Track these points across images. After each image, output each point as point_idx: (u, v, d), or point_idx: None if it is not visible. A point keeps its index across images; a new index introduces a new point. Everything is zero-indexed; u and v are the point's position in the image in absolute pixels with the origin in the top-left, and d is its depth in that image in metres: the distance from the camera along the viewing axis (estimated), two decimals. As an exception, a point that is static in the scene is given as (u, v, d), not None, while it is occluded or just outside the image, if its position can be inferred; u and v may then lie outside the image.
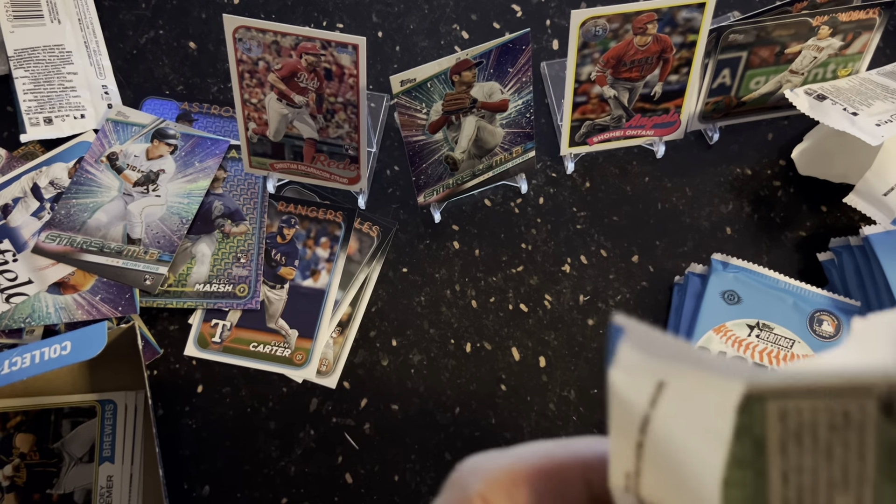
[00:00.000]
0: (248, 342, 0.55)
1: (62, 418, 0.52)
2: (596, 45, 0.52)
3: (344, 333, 0.56)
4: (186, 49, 0.64)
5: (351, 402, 0.55)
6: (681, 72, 0.55)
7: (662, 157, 0.60)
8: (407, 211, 0.59)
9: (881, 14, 0.55)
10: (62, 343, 0.47)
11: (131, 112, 0.61)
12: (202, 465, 0.54)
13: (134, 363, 0.51)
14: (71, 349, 0.46)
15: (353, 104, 0.53)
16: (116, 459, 0.51)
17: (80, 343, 0.47)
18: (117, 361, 0.52)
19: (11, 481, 0.51)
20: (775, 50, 0.55)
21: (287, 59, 0.51)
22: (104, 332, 0.47)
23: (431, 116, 0.51)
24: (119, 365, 0.52)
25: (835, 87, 0.56)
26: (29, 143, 0.60)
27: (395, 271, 0.58)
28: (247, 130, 0.55)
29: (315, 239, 0.58)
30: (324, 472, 0.53)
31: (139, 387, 0.53)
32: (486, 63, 0.50)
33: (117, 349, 0.50)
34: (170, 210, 0.58)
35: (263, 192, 0.59)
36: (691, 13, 0.52)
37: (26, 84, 0.61)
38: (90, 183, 0.58)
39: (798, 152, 0.59)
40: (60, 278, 0.55)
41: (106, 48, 0.64)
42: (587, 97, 0.55)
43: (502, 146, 0.55)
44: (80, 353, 0.46)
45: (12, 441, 0.51)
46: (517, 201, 0.59)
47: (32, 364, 0.46)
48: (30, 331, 0.55)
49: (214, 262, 0.57)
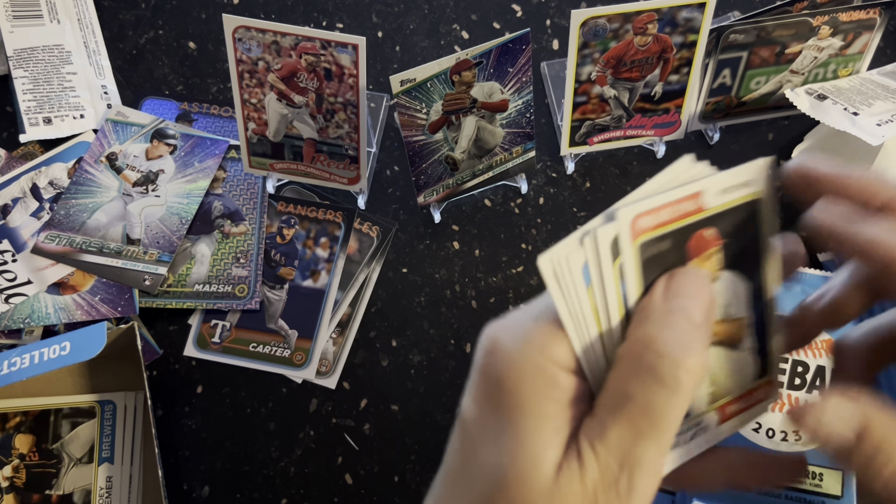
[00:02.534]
0: (248, 342, 0.55)
1: (62, 419, 0.52)
2: (596, 44, 0.52)
3: (344, 334, 0.56)
4: (186, 49, 0.64)
5: (351, 402, 0.55)
6: (681, 72, 0.55)
7: (663, 158, 0.60)
8: (407, 211, 0.59)
9: (881, 14, 0.55)
10: (62, 343, 0.47)
11: (131, 112, 0.61)
12: (202, 465, 0.53)
13: (133, 364, 0.51)
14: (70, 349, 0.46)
15: (353, 104, 0.52)
16: (116, 460, 0.51)
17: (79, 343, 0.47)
18: (117, 362, 0.52)
19: (11, 482, 0.50)
20: (776, 50, 0.55)
21: (287, 59, 0.51)
22: (104, 332, 0.47)
23: (431, 116, 0.51)
24: (119, 365, 0.52)
25: (835, 87, 0.56)
26: (28, 143, 0.60)
27: (394, 271, 0.58)
28: (246, 130, 0.55)
29: (315, 239, 0.58)
30: (323, 472, 0.53)
31: (139, 387, 0.53)
32: (486, 63, 0.50)
33: (117, 350, 0.50)
34: (169, 210, 0.58)
35: (263, 193, 0.59)
36: (691, 13, 0.51)
37: (26, 84, 0.60)
38: (89, 183, 0.58)
39: (799, 152, 0.59)
40: (60, 279, 0.55)
41: (105, 48, 0.64)
42: (587, 97, 0.55)
43: (502, 146, 0.55)
44: (80, 353, 0.46)
45: (12, 441, 0.51)
46: (517, 201, 0.59)
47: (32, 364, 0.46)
48: (29, 331, 0.55)
49: (214, 263, 0.57)
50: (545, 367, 0.25)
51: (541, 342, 0.26)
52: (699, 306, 0.26)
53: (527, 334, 0.26)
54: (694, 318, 0.25)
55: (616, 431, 0.24)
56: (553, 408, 0.25)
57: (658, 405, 0.24)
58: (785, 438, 0.49)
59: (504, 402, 0.26)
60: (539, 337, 0.26)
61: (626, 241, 0.26)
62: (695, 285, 0.26)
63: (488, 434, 0.26)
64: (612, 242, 0.26)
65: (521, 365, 0.25)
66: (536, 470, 0.25)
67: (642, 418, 0.24)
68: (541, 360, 0.25)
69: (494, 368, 0.26)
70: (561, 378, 0.26)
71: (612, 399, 0.25)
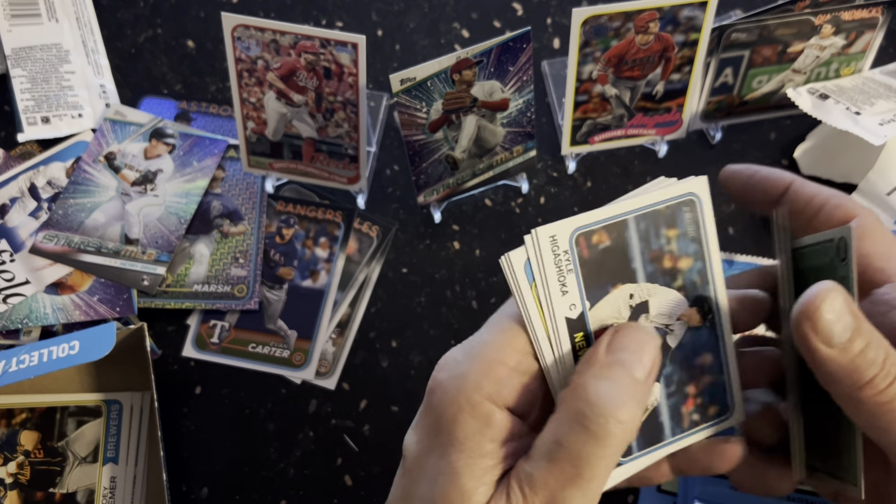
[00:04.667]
0: (247, 343, 0.55)
1: (67, 417, 0.52)
2: (597, 43, 0.52)
3: (343, 334, 0.56)
4: (185, 48, 0.64)
5: (350, 403, 0.54)
6: (683, 71, 0.55)
7: (664, 157, 0.60)
8: (407, 211, 0.59)
9: (884, 13, 0.54)
10: (70, 343, 0.47)
11: (129, 111, 0.61)
12: (200, 466, 0.53)
13: (141, 364, 0.51)
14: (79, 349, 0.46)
15: (353, 103, 0.52)
16: (120, 461, 0.51)
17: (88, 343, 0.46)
18: (125, 362, 0.51)
19: (15, 478, 0.50)
20: (778, 49, 0.55)
21: (286, 57, 0.51)
22: (113, 332, 0.46)
23: (431, 115, 0.51)
24: (126, 366, 0.52)
25: (837, 87, 0.56)
26: (26, 142, 0.60)
27: (394, 272, 0.57)
28: (245, 130, 0.55)
29: (314, 239, 0.58)
30: (323, 473, 0.53)
31: (146, 388, 0.52)
32: (486, 62, 0.49)
33: (125, 350, 0.50)
34: (168, 210, 0.57)
35: (262, 192, 0.58)
36: (693, 12, 0.51)
37: (24, 83, 0.60)
38: (88, 183, 0.58)
39: (801, 152, 0.58)
40: (58, 279, 0.55)
41: (104, 47, 0.63)
42: (588, 96, 0.55)
43: (503, 145, 0.55)
44: (89, 353, 0.46)
45: (17, 438, 0.51)
46: (518, 201, 0.59)
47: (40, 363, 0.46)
48: (27, 331, 0.54)
49: (213, 263, 0.56)
50: (480, 404, 0.26)
51: (476, 380, 0.26)
52: (641, 362, 0.26)
53: (465, 372, 0.27)
54: (634, 373, 0.26)
55: (544, 476, 0.25)
56: (488, 446, 0.26)
57: (586, 455, 0.24)
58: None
59: (441, 440, 0.26)
60: (475, 375, 0.26)
61: (563, 238, 0.27)
62: (639, 341, 0.27)
63: (426, 469, 0.27)
64: (551, 238, 0.27)
65: (458, 402, 0.26)
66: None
67: (570, 467, 0.25)
68: (476, 397, 0.26)
69: (433, 406, 0.27)
70: (496, 416, 0.26)
71: (546, 444, 0.26)
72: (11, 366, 0.46)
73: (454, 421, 0.26)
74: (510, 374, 0.27)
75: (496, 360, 0.27)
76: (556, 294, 0.27)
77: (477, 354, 0.27)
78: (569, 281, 0.27)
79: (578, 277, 0.28)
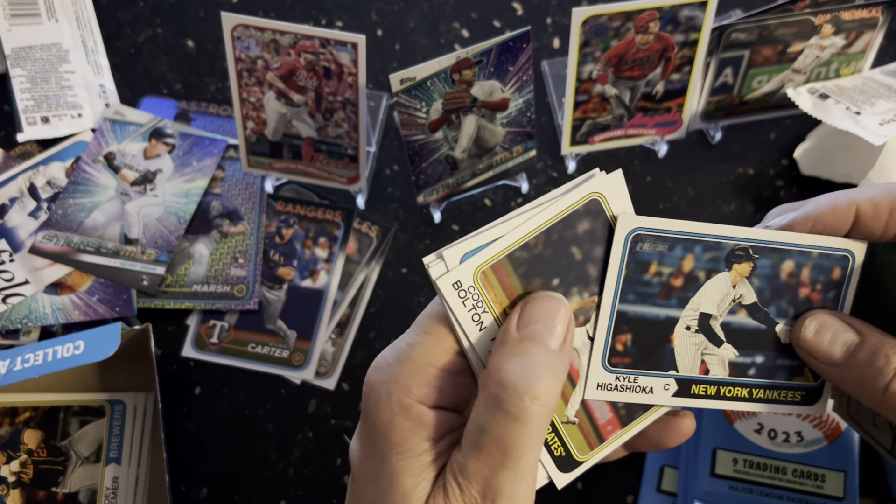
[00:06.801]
0: (247, 343, 0.55)
1: (71, 416, 0.52)
2: (597, 43, 0.52)
3: (343, 334, 0.56)
4: (185, 47, 0.64)
5: (350, 403, 0.54)
6: (683, 70, 0.54)
7: (664, 157, 0.60)
8: (407, 211, 0.59)
9: (884, 13, 0.54)
10: (75, 343, 0.46)
11: (129, 111, 0.61)
12: (200, 466, 0.53)
13: (145, 365, 0.51)
14: (84, 349, 0.46)
15: (353, 103, 0.52)
16: (123, 461, 0.51)
17: (93, 343, 0.46)
18: (129, 362, 0.51)
19: (18, 477, 0.50)
20: (778, 49, 0.55)
21: (286, 57, 0.51)
22: (118, 333, 0.46)
23: (431, 115, 0.51)
24: (130, 366, 0.52)
25: (837, 86, 0.56)
26: (26, 142, 0.60)
27: (394, 272, 0.57)
28: (245, 129, 0.55)
29: (314, 239, 0.57)
30: (322, 474, 0.53)
31: (149, 389, 0.52)
32: (486, 62, 0.49)
33: (130, 350, 0.50)
34: (167, 210, 0.57)
35: (262, 192, 0.58)
36: (693, 11, 0.51)
37: (23, 83, 0.60)
38: (87, 182, 0.58)
39: (801, 152, 0.58)
40: (57, 279, 0.55)
41: (104, 47, 0.63)
42: (588, 96, 0.55)
43: (503, 145, 0.55)
44: (94, 353, 0.46)
45: (21, 436, 0.51)
46: (518, 201, 0.59)
47: (45, 362, 0.46)
48: (27, 332, 0.54)
49: (212, 263, 0.56)
50: (411, 407, 0.26)
51: (405, 384, 0.26)
52: (554, 332, 0.26)
53: (395, 375, 0.27)
54: (549, 343, 0.26)
55: (475, 464, 0.25)
56: (423, 445, 0.26)
57: (509, 437, 0.24)
58: (787, 440, 0.48)
59: (380, 444, 0.27)
60: (404, 379, 0.26)
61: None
62: (549, 310, 0.26)
63: (369, 473, 0.27)
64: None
65: (390, 406, 0.26)
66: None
67: (497, 451, 0.25)
68: (406, 400, 0.26)
69: (368, 410, 0.27)
70: (427, 416, 0.26)
71: (472, 432, 0.26)
72: (16, 365, 0.46)
73: (389, 424, 0.26)
74: (439, 375, 0.27)
75: (425, 363, 0.27)
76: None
77: (405, 358, 0.27)
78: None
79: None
